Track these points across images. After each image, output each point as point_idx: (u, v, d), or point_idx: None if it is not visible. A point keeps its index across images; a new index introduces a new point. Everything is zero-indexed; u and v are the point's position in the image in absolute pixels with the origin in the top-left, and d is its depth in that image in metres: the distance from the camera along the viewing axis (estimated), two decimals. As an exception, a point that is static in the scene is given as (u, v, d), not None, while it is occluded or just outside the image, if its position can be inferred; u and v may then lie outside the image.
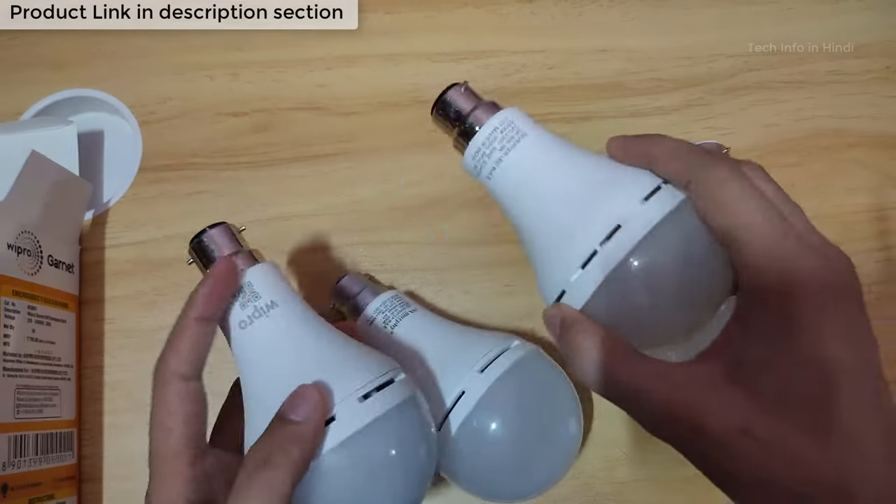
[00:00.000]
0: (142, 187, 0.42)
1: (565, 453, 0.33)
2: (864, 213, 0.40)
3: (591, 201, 0.25)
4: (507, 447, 0.31)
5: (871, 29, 0.44)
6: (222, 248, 0.28)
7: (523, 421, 0.31)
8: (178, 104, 0.44)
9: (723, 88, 0.43)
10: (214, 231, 0.29)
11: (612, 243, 0.23)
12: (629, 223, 0.23)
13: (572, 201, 0.25)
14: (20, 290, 0.35)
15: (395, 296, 0.36)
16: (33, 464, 0.34)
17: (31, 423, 0.34)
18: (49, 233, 0.37)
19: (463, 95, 0.29)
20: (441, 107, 0.30)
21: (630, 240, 0.23)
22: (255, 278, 0.27)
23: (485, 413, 0.30)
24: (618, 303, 0.24)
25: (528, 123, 0.28)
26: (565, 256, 0.25)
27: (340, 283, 0.37)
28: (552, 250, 0.26)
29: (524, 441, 0.31)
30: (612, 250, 0.23)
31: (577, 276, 0.24)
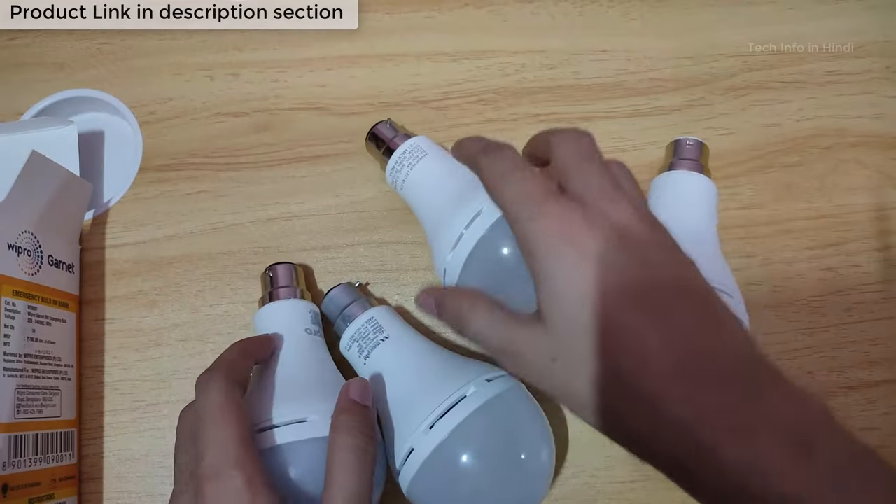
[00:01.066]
0: (142, 187, 0.43)
1: (533, 491, 0.32)
2: (865, 213, 0.40)
3: (462, 197, 0.33)
4: (461, 501, 0.31)
5: (872, 29, 0.44)
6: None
7: (477, 473, 0.30)
8: (178, 104, 0.44)
9: (723, 88, 0.43)
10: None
11: (472, 226, 0.32)
12: (486, 210, 0.32)
13: (451, 198, 0.34)
14: (20, 290, 0.35)
15: (369, 320, 0.35)
16: (33, 464, 0.34)
17: (31, 423, 0.34)
18: (49, 233, 0.37)
19: (387, 128, 0.39)
20: (371, 136, 0.40)
21: (486, 221, 0.32)
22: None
23: (432, 473, 0.30)
24: (482, 271, 0.32)
25: (432, 147, 0.37)
26: (444, 241, 0.33)
27: (323, 302, 0.37)
28: (437, 239, 0.34)
29: (482, 491, 0.30)
30: (472, 231, 0.32)
31: (451, 256, 0.33)
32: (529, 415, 0.32)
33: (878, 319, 0.38)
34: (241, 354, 0.31)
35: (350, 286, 0.37)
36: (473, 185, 0.33)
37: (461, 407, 0.30)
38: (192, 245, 0.41)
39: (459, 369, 0.33)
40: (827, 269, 0.39)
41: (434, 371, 0.33)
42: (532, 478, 0.32)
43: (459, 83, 0.44)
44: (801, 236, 0.40)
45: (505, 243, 0.32)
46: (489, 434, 0.30)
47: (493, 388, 0.31)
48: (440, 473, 0.30)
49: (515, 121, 0.43)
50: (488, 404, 0.31)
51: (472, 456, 0.30)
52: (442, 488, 0.31)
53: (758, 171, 0.41)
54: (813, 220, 0.40)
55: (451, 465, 0.30)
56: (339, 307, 0.36)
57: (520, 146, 0.42)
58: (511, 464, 0.31)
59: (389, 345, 0.34)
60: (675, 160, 0.38)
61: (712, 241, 0.36)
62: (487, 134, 0.42)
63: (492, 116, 0.43)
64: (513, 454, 0.31)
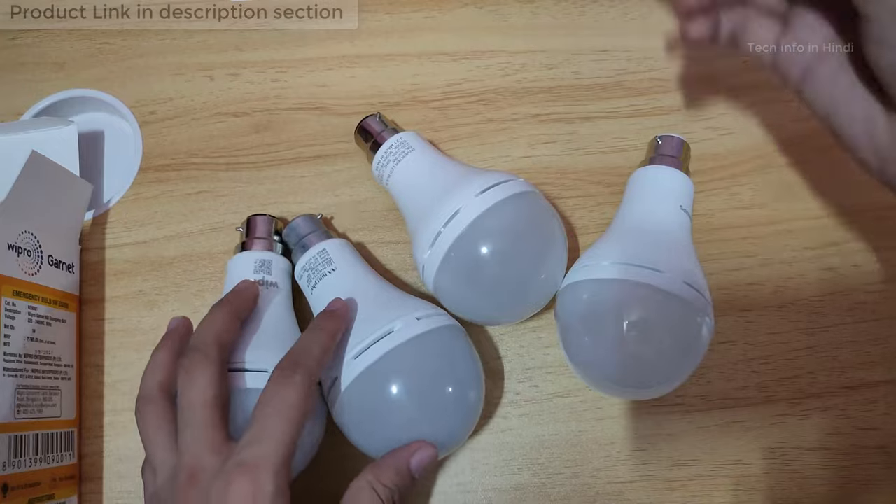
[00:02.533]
0: (142, 187, 0.43)
1: (454, 429, 0.32)
2: (865, 213, 0.40)
3: (443, 195, 0.34)
4: (379, 431, 0.31)
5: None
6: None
7: (395, 405, 0.31)
8: (178, 104, 0.44)
9: (722, 88, 0.43)
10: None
11: (450, 225, 0.33)
12: (464, 210, 0.33)
13: (432, 196, 0.35)
14: (20, 291, 0.35)
15: (321, 252, 0.36)
16: (33, 463, 0.34)
17: (31, 423, 0.34)
18: (49, 233, 0.37)
19: (376, 122, 0.40)
20: (360, 130, 0.40)
21: (464, 221, 0.33)
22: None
23: (353, 402, 0.31)
24: (459, 270, 0.33)
25: (419, 143, 0.38)
26: (423, 238, 0.34)
27: (284, 231, 0.38)
28: (417, 235, 0.35)
29: (399, 424, 0.31)
30: (450, 229, 0.33)
31: (429, 254, 0.34)
32: (457, 355, 0.33)
33: (879, 319, 0.38)
34: (227, 325, 0.31)
35: (312, 217, 0.38)
36: (455, 183, 0.34)
37: (386, 341, 0.31)
38: (192, 245, 0.41)
39: (396, 306, 0.33)
40: (827, 268, 0.39)
41: (371, 305, 0.33)
42: (452, 415, 0.32)
43: (459, 83, 0.44)
44: (801, 236, 0.40)
45: (482, 243, 0.33)
46: (411, 368, 0.31)
47: (421, 325, 0.32)
48: (360, 403, 0.31)
49: (515, 121, 0.43)
50: (414, 340, 0.31)
51: (391, 388, 0.31)
52: (361, 418, 0.32)
53: (758, 171, 0.41)
54: (813, 220, 0.40)
55: (370, 396, 0.31)
56: (298, 236, 0.37)
57: (520, 145, 0.42)
58: (432, 399, 0.31)
59: (335, 277, 0.35)
60: (654, 156, 0.38)
61: (685, 236, 0.36)
62: (487, 134, 0.42)
63: (492, 116, 0.43)
64: (435, 390, 0.31)
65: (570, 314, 0.34)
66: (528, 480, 0.37)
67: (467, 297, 0.35)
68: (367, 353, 0.31)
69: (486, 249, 0.33)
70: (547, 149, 0.42)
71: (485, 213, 0.33)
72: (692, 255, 0.35)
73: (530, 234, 0.34)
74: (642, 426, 0.37)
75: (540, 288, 0.35)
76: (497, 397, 0.38)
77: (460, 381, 0.32)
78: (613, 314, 0.32)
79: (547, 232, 0.35)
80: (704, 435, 0.37)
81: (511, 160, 0.42)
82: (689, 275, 0.33)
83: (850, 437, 0.37)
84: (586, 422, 0.37)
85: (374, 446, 0.32)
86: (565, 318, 0.35)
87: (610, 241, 0.35)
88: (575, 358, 0.35)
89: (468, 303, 0.35)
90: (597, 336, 0.33)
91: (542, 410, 0.38)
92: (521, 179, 0.35)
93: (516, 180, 0.35)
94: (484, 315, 0.36)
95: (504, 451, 0.37)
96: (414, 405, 0.31)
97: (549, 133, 0.42)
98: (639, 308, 0.32)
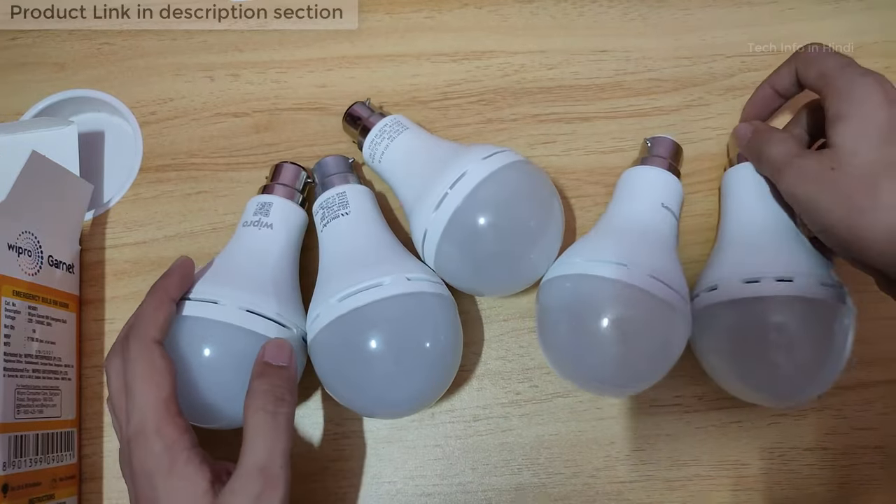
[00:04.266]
0: (142, 187, 0.43)
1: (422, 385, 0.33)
2: (864, 214, 0.40)
3: (447, 162, 0.35)
4: (348, 373, 0.32)
5: (872, 29, 0.44)
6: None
7: (365, 354, 0.31)
8: (178, 104, 0.44)
9: (722, 88, 0.43)
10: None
11: (458, 185, 0.33)
12: (470, 172, 0.33)
13: (434, 165, 0.35)
14: (20, 291, 0.35)
15: (340, 194, 0.36)
16: (33, 464, 0.34)
17: (32, 423, 0.34)
18: (49, 233, 0.37)
19: (365, 108, 0.41)
20: (348, 117, 0.41)
21: (472, 181, 0.33)
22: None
23: (328, 342, 0.32)
24: (465, 230, 0.33)
25: (410, 124, 0.39)
26: (427, 204, 0.34)
27: (314, 166, 0.39)
28: (419, 203, 0.35)
29: (368, 374, 0.32)
30: (458, 189, 0.33)
31: (434, 215, 0.34)
32: (439, 321, 0.33)
33: (876, 319, 0.38)
34: (154, 308, 0.31)
35: (343, 159, 0.39)
36: (458, 151, 0.35)
37: (372, 292, 0.32)
38: (192, 245, 0.41)
39: (393, 262, 0.34)
40: (826, 269, 0.39)
41: (371, 255, 0.34)
42: (422, 373, 0.33)
43: (459, 83, 0.44)
44: (800, 236, 0.40)
45: (489, 205, 0.33)
46: (389, 322, 0.32)
47: (409, 286, 0.33)
48: (335, 343, 0.32)
49: (515, 121, 0.43)
50: (399, 298, 0.32)
51: (366, 335, 0.31)
52: (334, 359, 0.32)
53: (757, 172, 0.41)
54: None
55: (346, 339, 0.32)
56: (322, 175, 0.38)
57: (520, 145, 0.42)
58: (404, 355, 0.32)
59: (346, 221, 0.36)
60: (645, 157, 0.38)
61: (669, 237, 0.36)
62: (487, 134, 0.42)
63: (491, 116, 0.43)
64: (408, 347, 0.32)
65: (539, 310, 0.36)
66: (528, 480, 0.37)
67: (469, 261, 0.34)
68: (350, 299, 0.32)
69: (492, 212, 0.33)
70: (546, 149, 0.42)
71: (490, 175, 0.33)
72: (670, 251, 0.35)
73: (530, 195, 0.35)
74: (642, 426, 0.37)
75: (540, 253, 0.35)
76: (497, 397, 0.38)
77: (435, 344, 0.33)
78: (568, 308, 0.33)
79: (544, 194, 0.35)
80: (703, 435, 0.37)
81: (511, 160, 0.42)
82: (659, 269, 0.32)
83: (847, 437, 0.37)
84: (586, 422, 0.37)
85: (342, 389, 0.33)
86: (537, 312, 0.36)
87: (585, 240, 0.36)
88: (545, 354, 0.36)
89: (469, 268, 0.35)
90: (553, 331, 0.34)
91: (542, 410, 0.38)
92: (512, 151, 0.36)
93: (509, 151, 0.35)
94: (484, 281, 0.36)
95: (504, 451, 0.38)
96: (386, 357, 0.32)
97: (548, 133, 0.42)
98: (594, 300, 0.33)
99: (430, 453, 0.38)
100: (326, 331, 0.32)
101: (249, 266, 0.35)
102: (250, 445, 0.28)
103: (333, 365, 0.33)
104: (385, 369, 0.32)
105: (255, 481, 0.28)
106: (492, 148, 0.35)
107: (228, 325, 0.32)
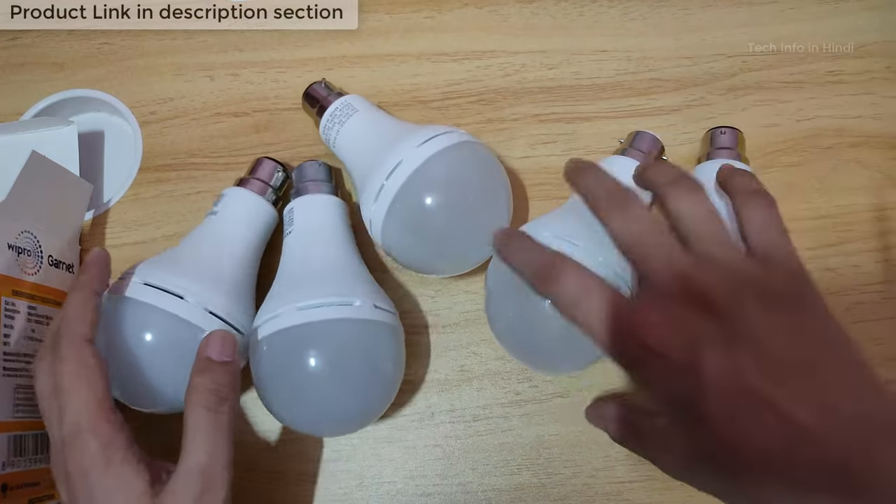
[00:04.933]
0: (142, 187, 0.43)
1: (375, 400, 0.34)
2: (865, 213, 0.40)
3: (385, 150, 0.34)
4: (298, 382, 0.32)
5: (872, 29, 0.44)
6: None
7: (307, 369, 0.31)
8: (178, 104, 0.44)
9: (723, 88, 0.43)
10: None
11: (393, 175, 0.33)
12: (405, 161, 0.33)
13: (375, 152, 0.35)
14: (20, 291, 0.35)
15: (289, 210, 0.37)
16: (32, 463, 0.34)
17: (31, 423, 0.34)
18: (49, 233, 0.37)
19: (322, 88, 0.41)
20: (306, 96, 0.41)
21: (406, 171, 0.33)
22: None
23: (275, 347, 0.32)
24: (404, 220, 0.33)
25: (363, 105, 0.39)
26: (368, 194, 0.34)
27: (297, 167, 0.39)
28: (363, 192, 0.35)
29: (308, 385, 0.32)
30: (392, 181, 0.33)
31: (374, 207, 0.34)
32: (393, 354, 0.34)
33: (879, 319, 0.38)
34: (82, 305, 0.30)
35: (321, 167, 0.39)
36: (397, 139, 0.35)
37: (341, 309, 0.32)
38: (192, 245, 0.41)
39: (362, 282, 0.34)
40: (827, 269, 0.39)
41: (333, 272, 0.34)
42: (361, 398, 0.33)
43: (459, 83, 0.44)
44: (801, 236, 0.40)
45: (424, 193, 0.33)
46: (353, 343, 0.32)
47: (376, 313, 0.33)
48: (288, 349, 0.32)
49: (515, 121, 0.43)
50: (367, 323, 0.32)
51: (325, 351, 0.31)
52: (277, 368, 0.32)
53: (758, 172, 0.41)
54: (813, 221, 0.40)
55: (302, 348, 0.31)
56: (298, 180, 0.38)
57: (520, 145, 0.42)
58: (353, 380, 0.32)
59: (295, 235, 0.36)
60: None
61: None
62: (487, 134, 0.42)
63: (491, 116, 0.43)
64: (361, 373, 0.32)
65: (486, 289, 0.36)
66: (527, 480, 0.37)
67: (414, 248, 0.35)
68: (318, 310, 0.31)
69: (428, 199, 0.33)
70: (546, 149, 0.42)
71: (426, 162, 0.33)
72: None
73: (473, 182, 0.35)
74: (642, 426, 0.37)
75: (485, 236, 0.35)
76: (497, 397, 0.38)
77: (383, 375, 0.33)
78: (513, 285, 0.33)
79: (490, 179, 0.35)
80: (704, 435, 0.37)
81: (511, 160, 0.42)
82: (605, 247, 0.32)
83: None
84: (586, 422, 0.37)
85: (277, 394, 0.33)
86: (485, 292, 0.36)
87: (541, 218, 0.36)
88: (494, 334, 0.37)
89: (415, 253, 0.35)
90: (498, 310, 0.35)
91: (542, 410, 0.38)
92: (461, 131, 0.36)
93: (457, 131, 0.35)
94: (431, 264, 0.36)
95: (504, 452, 0.37)
96: (334, 376, 0.32)
97: (549, 133, 0.42)
98: None
99: (430, 453, 0.38)
100: (284, 334, 0.32)
101: (187, 250, 0.35)
102: (191, 444, 0.28)
103: (277, 369, 0.32)
104: (328, 387, 0.32)
105: (195, 481, 0.27)
106: (433, 130, 0.34)
107: (165, 313, 0.32)
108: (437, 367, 0.39)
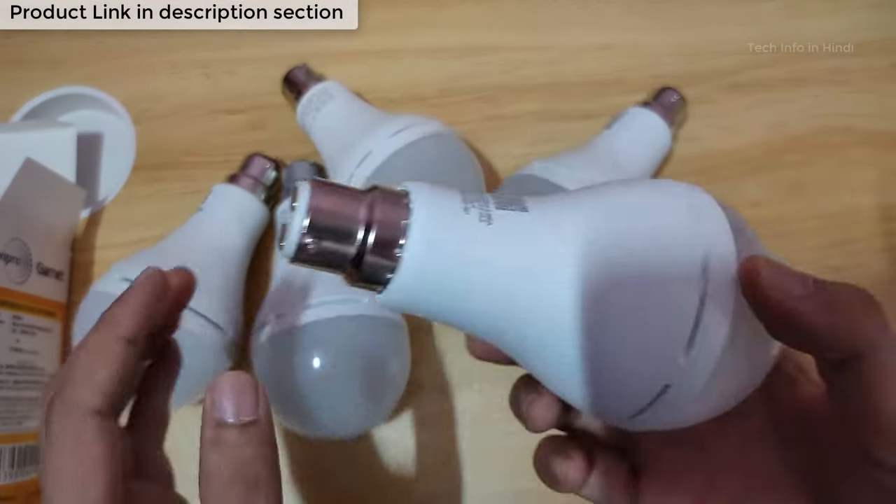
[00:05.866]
0: (136, 186, 0.42)
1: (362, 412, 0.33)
2: (871, 212, 0.40)
3: (356, 140, 0.34)
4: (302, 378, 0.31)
5: (876, 27, 0.44)
6: None
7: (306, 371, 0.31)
8: (173, 101, 0.43)
9: (726, 86, 0.42)
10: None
11: (362, 166, 0.33)
12: (375, 150, 0.33)
13: (346, 142, 0.35)
14: (6, 300, 0.34)
15: (282, 211, 0.37)
16: (10, 477, 0.33)
17: (8, 436, 0.33)
18: (40, 240, 0.37)
19: (302, 73, 0.40)
20: (286, 81, 0.41)
21: (374, 162, 0.33)
22: None
23: (272, 350, 0.32)
24: None
25: (339, 91, 0.39)
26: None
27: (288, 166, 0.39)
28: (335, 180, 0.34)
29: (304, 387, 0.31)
30: (361, 171, 0.33)
31: None
32: (402, 351, 0.34)
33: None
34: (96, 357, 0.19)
35: (310, 167, 0.38)
36: (369, 128, 0.35)
37: (336, 307, 0.31)
38: (187, 245, 0.41)
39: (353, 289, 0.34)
40: (832, 268, 0.39)
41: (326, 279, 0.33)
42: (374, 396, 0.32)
43: (459, 80, 0.43)
44: (806, 235, 0.39)
45: (393, 183, 0.33)
46: (343, 345, 0.31)
47: (376, 309, 0.32)
48: (278, 353, 0.32)
49: (516, 118, 0.42)
50: (378, 319, 0.32)
51: (317, 352, 0.31)
52: (282, 368, 0.31)
53: (764, 170, 0.41)
54: (819, 219, 0.40)
55: (298, 349, 0.31)
56: (287, 180, 0.38)
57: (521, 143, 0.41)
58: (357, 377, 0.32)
59: None
60: (648, 101, 0.39)
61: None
62: (487, 132, 0.42)
63: (491, 113, 0.42)
64: (375, 371, 0.32)
65: None
66: (528, 486, 0.36)
67: None
68: (327, 307, 0.31)
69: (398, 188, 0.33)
70: (548, 146, 0.41)
71: (396, 153, 0.33)
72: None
73: (442, 175, 0.34)
74: (645, 430, 0.37)
75: None
76: (498, 402, 0.38)
77: (396, 372, 0.33)
78: None
79: (461, 172, 0.35)
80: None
81: (511, 158, 0.41)
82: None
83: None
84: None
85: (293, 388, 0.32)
86: None
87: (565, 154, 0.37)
88: None
89: None
90: None
91: (542, 413, 0.37)
92: (436, 122, 0.35)
93: (430, 122, 0.35)
94: None
95: (505, 457, 0.37)
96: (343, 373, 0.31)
97: (550, 130, 0.42)
98: None
99: (431, 456, 0.37)
100: (293, 333, 0.31)
101: (173, 247, 0.35)
102: None
103: (285, 369, 0.31)
104: (339, 386, 0.31)
105: None
106: (406, 121, 0.34)
107: None
108: (439, 370, 0.38)
